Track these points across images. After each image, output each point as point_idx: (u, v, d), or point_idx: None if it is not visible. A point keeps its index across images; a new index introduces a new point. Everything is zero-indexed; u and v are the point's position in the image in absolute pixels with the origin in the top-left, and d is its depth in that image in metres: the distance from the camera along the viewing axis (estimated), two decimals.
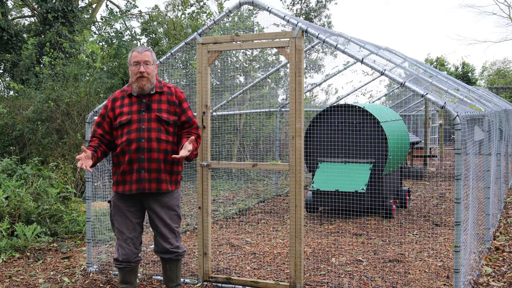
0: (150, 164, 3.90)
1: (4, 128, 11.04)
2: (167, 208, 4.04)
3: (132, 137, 3.89)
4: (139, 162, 3.89)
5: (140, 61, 3.91)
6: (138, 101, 3.98)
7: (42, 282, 5.04)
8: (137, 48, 4.00)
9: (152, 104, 3.95)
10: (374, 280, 4.91)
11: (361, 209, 7.23)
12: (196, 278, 4.98)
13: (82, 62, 11.10)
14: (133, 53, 3.97)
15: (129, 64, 3.99)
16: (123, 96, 4.04)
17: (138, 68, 3.90)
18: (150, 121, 3.92)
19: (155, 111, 3.94)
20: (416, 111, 16.90)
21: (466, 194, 4.53)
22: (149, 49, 4.02)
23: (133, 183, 3.92)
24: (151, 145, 3.89)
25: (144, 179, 3.90)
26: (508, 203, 8.82)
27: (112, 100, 4.06)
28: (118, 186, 3.98)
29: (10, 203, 6.82)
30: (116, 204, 4.03)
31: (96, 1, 20.17)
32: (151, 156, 3.89)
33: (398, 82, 4.33)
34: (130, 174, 3.91)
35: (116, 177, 3.99)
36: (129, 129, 3.91)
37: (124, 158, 3.92)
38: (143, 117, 3.93)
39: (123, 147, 3.91)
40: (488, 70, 31.08)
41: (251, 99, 11.02)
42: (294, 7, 21.69)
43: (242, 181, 11.10)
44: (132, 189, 3.92)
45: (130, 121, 3.92)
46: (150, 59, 3.95)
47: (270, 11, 4.65)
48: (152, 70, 3.96)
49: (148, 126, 3.91)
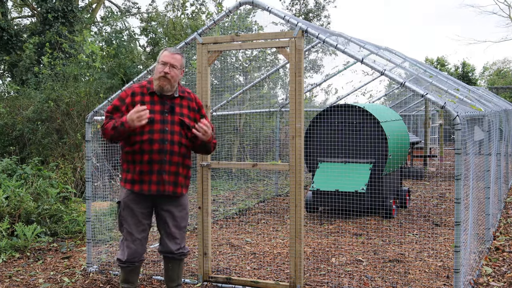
0: (171, 167, 3.90)
1: (4, 128, 11.04)
2: (180, 209, 4.06)
3: (155, 138, 3.85)
4: (161, 164, 3.87)
5: (168, 62, 3.90)
6: (160, 101, 3.94)
7: (42, 282, 5.04)
8: (170, 49, 4.01)
9: (175, 107, 3.96)
10: (374, 280, 4.91)
11: (361, 209, 7.23)
12: (196, 278, 4.98)
13: (82, 62, 11.10)
14: (165, 52, 3.97)
15: (157, 61, 3.99)
16: (143, 93, 3.96)
17: (164, 68, 3.89)
18: (173, 124, 3.92)
19: (179, 114, 3.95)
20: (416, 111, 16.90)
21: (466, 194, 4.53)
22: (181, 53, 4.02)
23: (152, 183, 3.89)
24: (173, 148, 3.89)
25: (165, 181, 3.89)
26: (508, 203, 8.82)
27: (132, 94, 3.95)
28: (135, 185, 3.92)
29: (10, 203, 6.82)
30: (128, 205, 3.98)
31: (96, 1, 20.18)
32: (172, 159, 3.90)
33: (398, 82, 4.33)
34: (150, 174, 3.88)
35: (132, 176, 3.92)
36: (151, 128, 3.86)
37: (142, 157, 3.87)
38: (166, 118, 3.91)
39: (143, 146, 3.86)
40: (489, 70, 31.08)
41: (251, 99, 11.02)
42: (293, 8, 21.70)
43: (242, 181, 11.10)
44: (151, 189, 3.90)
45: (153, 120, 3.86)
46: (178, 63, 3.94)
47: (270, 11, 4.65)
48: (177, 75, 3.94)
49: (172, 129, 3.90)
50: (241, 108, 10.40)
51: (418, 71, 7.26)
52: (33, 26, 17.28)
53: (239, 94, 8.65)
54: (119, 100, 3.98)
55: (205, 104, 4.79)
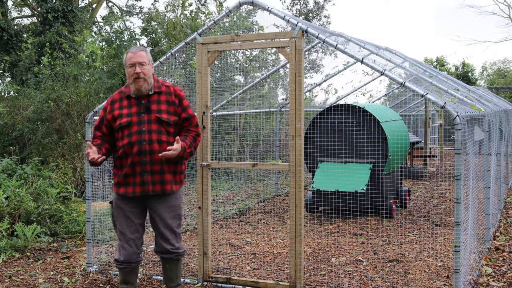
0: (153, 166, 3.89)
1: (4, 128, 11.04)
2: (170, 209, 4.04)
3: (133, 140, 3.87)
4: (142, 165, 3.87)
5: (135, 63, 3.87)
6: (137, 102, 3.95)
7: (42, 282, 5.04)
8: (131, 49, 3.96)
9: (151, 105, 3.93)
10: (374, 280, 4.91)
11: (361, 209, 7.23)
12: (196, 278, 4.98)
13: (82, 62, 11.10)
14: (128, 55, 3.93)
15: (125, 66, 3.96)
16: (122, 98, 4.00)
17: (134, 69, 3.87)
18: (151, 123, 3.90)
19: (155, 112, 3.92)
20: (416, 111, 16.90)
21: (466, 194, 4.53)
22: (144, 48, 3.99)
23: (137, 185, 3.91)
24: (153, 147, 3.88)
25: (148, 181, 3.89)
26: (508, 203, 8.82)
27: (111, 102, 4.02)
28: (120, 187, 3.97)
29: (10, 203, 6.82)
30: (118, 205, 4.01)
31: (96, 1, 20.17)
32: (153, 158, 3.88)
33: (398, 82, 4.33)
34: (134, 176, 3.90)
35: (118, 179, 3.97)
36: (129, 131, 3.89)
37: (126, 161, 3.91)
38: (143, 119, 3.90)
39: (125, 149, 3.89)
40: (488, 70, 31.08)
41: (251, 99, 11.02)
42: (294, 8, 21.71)
43: (242, 181, 11.10)
44: (136, 191, 3.92)
45: (130, 123, 3.89)
46: (145, 59, 3.91)
47: (270, 11, 4.65)
48: (148, 70, 3.92)
49: (149, 128, 3.89)
50: (241, 108, 10.40)
51: (418, 71, 7.26)
52: (33, 26, 17.28)
53: (239, 94, 8.65)
54: (103, 110, 4.07)
55: (205, 104, 4.79)
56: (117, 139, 3.98)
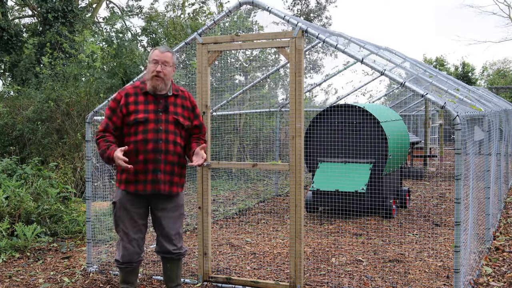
0: (166, 166, 3.91)
1: (4, 128, 11.04)
2: (175, 209, 4.06)
3: (149, 137, 3.86)
4: (156, 163, 3.87)
5: (159, 61, 3.90)
6: (154, 100, 3.94)
7: (42, 282, 5.04)
8: (160, 48, 4.00)
9: (169, 106, 3.96)
10: (374, 280, 4.91)
11: (361, 209, 7.23)
12: (196, 278, 4.98)
13: (82, 62, 11.10)
14: (155, 51, 3.96)
15: (148, 61, 3.99)
16: (137, 93, 3.97)
17: (156, 67, 3.89)
18: (168, 123, 3.92)
19: (173, 113, 3.95)
20: (416, 111, 16.90)
21: (466, 194, 4.53)
22: (172, 51, 4.02)
23: (147, 183, 3.89)
24: (168, 147, 3.89)
25: (160, 180, 3.89)
26: (508, 203, 8.82)
27: (125, 95, 3.96)
28: (129, 185, 3.92)
29: (10, 203, 6.82)
30: (123, 206, 3.98)
31: (96, 1, 20.17)
32: (168, 158, 3.90)
33: (398, 82, 4.33)
34: (145, 174, 3.88)
35: (127, 176, 3.91)
36: (145, 128, 3.87)
37: (137, 157, 3.86)
38: (160, 117, 3.91)
39: (138, 146, 3.86)
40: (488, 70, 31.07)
41: (251, 99, 11.02)
42: (295, 8, 21.71)
43: (242, 181, 11.10)
44: (146, 189, 3.90)
45: (147, 120, 3.88)
46: (169, 60, 3.94)
47: (270, 11, 4.65)
48: (169, 72, 3.95)
49: (166, 128, 3.90)
50: (241, 108, 10.40)
51: (418, 71, 7.26)
52: (33, 26, 17.28)
53: (239, 94, 8.65)
54: (114, 102, 3.99)
55: (205, 104, 4.79)
56: (128, 134, 3.91)
